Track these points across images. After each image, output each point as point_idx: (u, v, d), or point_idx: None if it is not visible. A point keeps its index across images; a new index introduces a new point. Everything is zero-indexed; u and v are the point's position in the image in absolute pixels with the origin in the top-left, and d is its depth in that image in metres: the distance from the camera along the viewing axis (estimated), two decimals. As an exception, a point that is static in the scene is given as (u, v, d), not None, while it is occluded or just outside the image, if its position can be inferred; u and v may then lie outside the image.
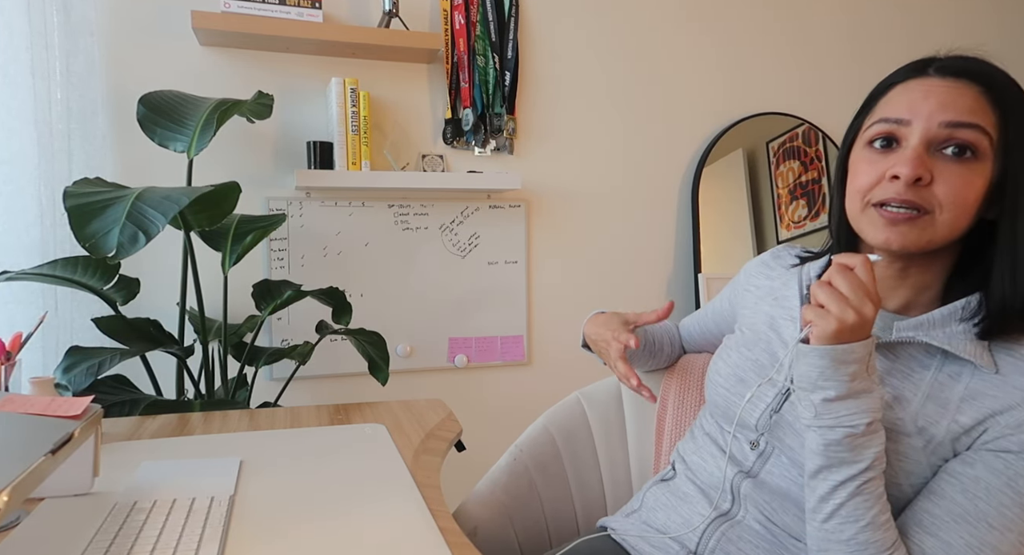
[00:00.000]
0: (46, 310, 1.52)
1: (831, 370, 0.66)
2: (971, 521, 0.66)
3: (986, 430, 0.67)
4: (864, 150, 0.75)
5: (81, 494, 0.79)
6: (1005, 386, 0.68)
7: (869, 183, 0.73)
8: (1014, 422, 0.66)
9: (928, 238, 0.70)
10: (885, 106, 0.74)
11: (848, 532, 0.67)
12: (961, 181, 0.68)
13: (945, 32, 2.40)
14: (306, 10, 1.70)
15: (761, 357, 0.85)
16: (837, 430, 0.66)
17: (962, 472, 0.68)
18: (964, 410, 0.69)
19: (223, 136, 1.74)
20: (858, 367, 0.66)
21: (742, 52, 2.23)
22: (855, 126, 0.79)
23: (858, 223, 0.75)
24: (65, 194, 1.15)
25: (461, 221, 1.97)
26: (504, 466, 1.10)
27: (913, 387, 0.72)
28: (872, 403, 0.66)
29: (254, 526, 0.72)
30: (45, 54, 1.53)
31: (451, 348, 1.99)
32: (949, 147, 0.68)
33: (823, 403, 0.67)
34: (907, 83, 0.73)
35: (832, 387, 0.66)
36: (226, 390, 1.53)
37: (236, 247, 1.52)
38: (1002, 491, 0.66)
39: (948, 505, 0.67)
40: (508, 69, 1.96)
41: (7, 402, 0.75)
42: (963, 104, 0.68)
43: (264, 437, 1.02)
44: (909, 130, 0.70)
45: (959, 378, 0.70)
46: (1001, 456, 0.67)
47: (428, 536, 0.70)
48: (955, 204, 0.69)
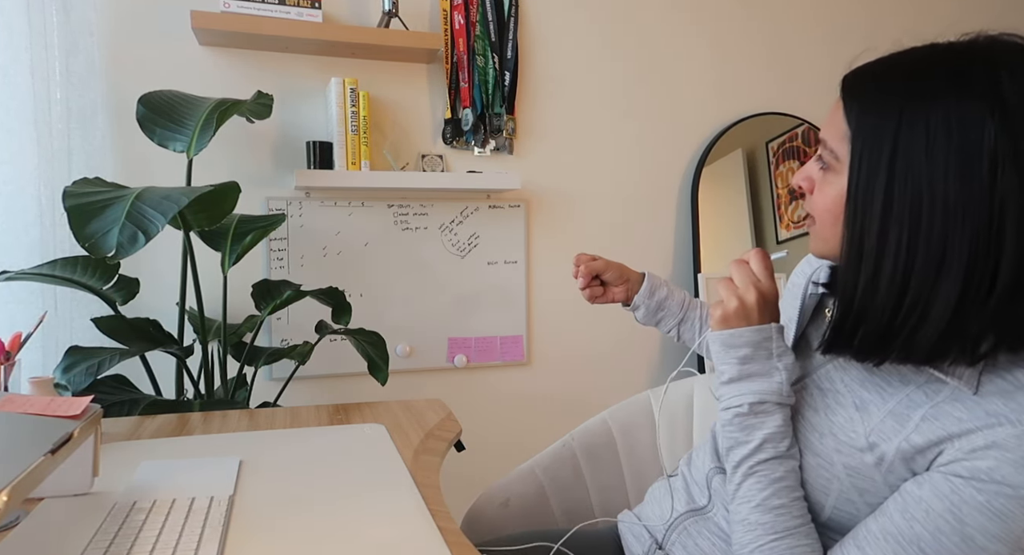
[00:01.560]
0: (46, 310, 1.52)
1: (723, 353, 0.73)
2: (902, 543, 0.63)
3: (941, 452, 0.63)
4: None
5: (81, 494, 0.79)
6: (976, 409, 0.63)
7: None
8: (968, 447, 0.61)
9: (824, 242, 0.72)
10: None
11: (742, 512, 0.72)
12: (820, 191, 0.72)
13: (945, 31, 2.40)
14: (306, 10, 1.70)
15: None
16: (728, 411, 0.73)
17: (909, 491, 0.65)
18: (921, 430, 0.64)
19: (223, 136, 1.74)
20: (749, 350, 0.71)
21: (742, 52, 2.23)
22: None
23: None
24: (65, 194, 1.15)
25: (461, 221, 1.97)
26: (550, 451, 1.16)
27: (881, 401, 0.68)
28: (763, 385, 0.71)
29: (253, 526, 0.72)
30: (45, 54, 1.53)
31: (450, 348, 1.99)
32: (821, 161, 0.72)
33: (719, 385, 0.73)
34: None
35: (725, 370, 0.73)
36: (226, 390, 1.53)
37: (236, 247, 1.52)
38: (942, 516, 0.61)
39: (885, 523, 0.65)
40: (508, 69, 1.96)
41: (7, 402, 0.75)
42: (833, 120, 0.70)
43: (264, 437, 1.02)
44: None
45: (933, 397, 0.66)
46: (950, 480, 0.62)
47: (427, 536, 0.70)
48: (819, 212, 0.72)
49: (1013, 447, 0.59)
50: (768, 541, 0.69)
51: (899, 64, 0.67)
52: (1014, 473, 0.59)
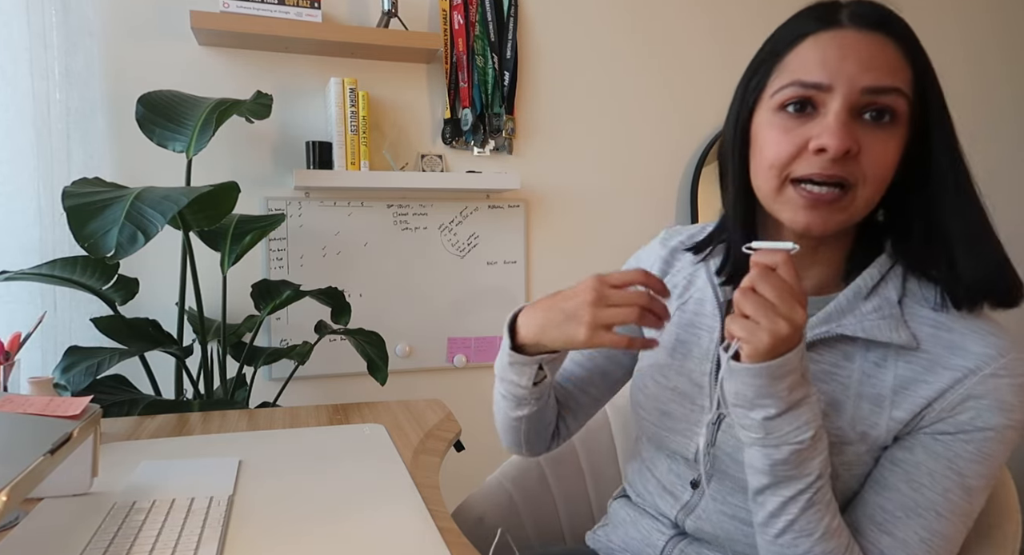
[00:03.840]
0: (45, 310, 1.52)
1: (769, 387, 0.60)
2: (921, 513, 0.65)
3: (923, 417, 0.65)
4: (774, 115, 0.66)
5: (80, 494, 0.79)
6: (934, 368, 0.65)
7: (787, 154, 0.65)
8: (947, 406, 0.64)
9: (848, 218, 0.65)
10: (796, 64, 0.65)
11: (803, 546, 0.64)
12: (883, 150, 0.63)
13: (944, 31, 2.41)
14: (305, 10, 1.70)
15: (680, 384, 0.78)
16: (783, 448, 0.62)
17: (903, 459, 0.66)
18: (899, 404, 0.66)
19: (222, 136, 1.74)
20: (794, 377, 0.60)
21: (741, 52, 2.22)
22: (756, 84, 0.69)
23: (773, 203, 0.68)
24: (64, 194, 1.14)
25: (460, 221, 1.97)
26: (515, 459, 1.11)
27: (843, 388, 0.68)
28: (813, 411, 0.62)
29: (253, 526, 0.72)
30: (44, 54, 1.53)
31: (450, 348, 1.99)
32: (869, 112, 0.63)
33: (764, 422, 0.61)
34: (818, 36, 0.64)
35: (771, 404, 0.60)
36: (225, 390, 1.53)
37: (235, 247, 1.52)
38: (944, 475, 0.64)
39: (897, 498, 0.66)
40: (507, 69, 1.96)
41: (6, 402, 0.75)
42: (883, 64, 0.62)
43: (263, 437, 1.02)
44: (829, 96, 0.63)
45: (885, 365, 0.67)
46: (939, 439, 0.65)
47: (427, 536, 0.70)
48: (877, 177, 0.63)
49: (983, 393, 0.63)
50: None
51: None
52: (992, 416, 0.63)
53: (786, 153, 0.64)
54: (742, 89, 0.71)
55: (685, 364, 0.77)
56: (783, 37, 0.67)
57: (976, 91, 2.45)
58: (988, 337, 0.65)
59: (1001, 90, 2.48)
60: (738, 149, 0.71)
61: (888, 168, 0.64)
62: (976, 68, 2.45)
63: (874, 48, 0.62)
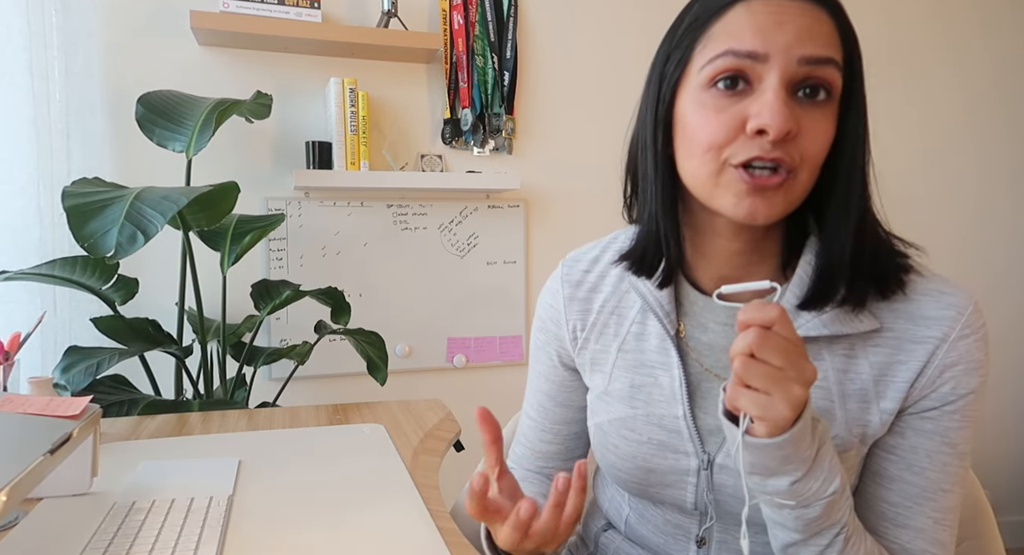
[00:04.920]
0: (44, 310, 1.52)
1: (794, 453, 0.54)
2: (929, 496, 0.64)
3: (908, 398, 0.64)
4: (703, 92, 0.60)
5: (79, 494, 0.79)
6: (903, 345, 0.63)
7: (724, 136, 0.58)
8: (928, 381, 0.63)
9: (791, 201, 0.60)
10: (727, 33, 0.58)
11: None
12: (820, 130, 0.58)
13: (943, 27, 2.41)
14: (304, 10, 1.70)
15: (654, 434, 0.70)
16: (815, 506, 0.57)
17: (897, 445, 0.65)
18: (883, 393, 0.64)
19: (222, 136, 1.74)
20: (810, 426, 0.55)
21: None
22: (677, 59, 0.62)
23: (713, 190, 0.61)
24: (64, 194, 1.14)
25: (460, 221, 1.97)
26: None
27: (825, 393, 0.65)
28: (831, 453, 0.57)
29: (252, 526, 0.72)
30: (44, 54, 1.53)
31: (450, 348, 1.99)
32: (804, 88, 0.58)
33: (792, 486, 0.56)
34: (749, 2, 0.58)
35: (798, 467, 0.55)
36: (225, 390, 1.53)
37: (235, 247, 1.52)
38: (940, 450, 0.64)
39: (903, 488, 0.65)
40: (507, 69, 1.96)
41: (5, 402, 0.75)
42: (819, 34, 0.57)
43: (263, 437, 1.02)
44: (764, 67, 0.57)
45: (855, 355, 0.64)
46: (927, 416, 0.64)
47: (427, 536, 0.70)
48: (815, 160, 0.59)
49: (956, 359, 0.62)
50: None
51: None
52: (969, 379, 0.63)
53: (722, 135, 0.58)
54: (660, 67, 0.64)
55: (651, 411, 0.70)
56: (708, 5, 0.60)
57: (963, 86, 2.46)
58: (942, 297, 0.64)
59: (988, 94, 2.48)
60: (660, 137, 0.64)
61: (825, 150, 0.59)
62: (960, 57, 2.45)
63: (810, 17, 0.57)
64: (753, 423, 0.54)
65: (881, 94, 2.35)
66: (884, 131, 2.35)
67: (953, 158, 2.42)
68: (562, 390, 0.83)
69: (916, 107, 2.38)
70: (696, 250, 0.70)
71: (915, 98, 2.38)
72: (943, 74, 2.40)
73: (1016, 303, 2.52)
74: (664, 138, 0.64)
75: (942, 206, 2.42)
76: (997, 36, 2.45)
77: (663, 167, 0.65)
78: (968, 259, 2.46)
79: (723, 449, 0.68)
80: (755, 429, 0.54)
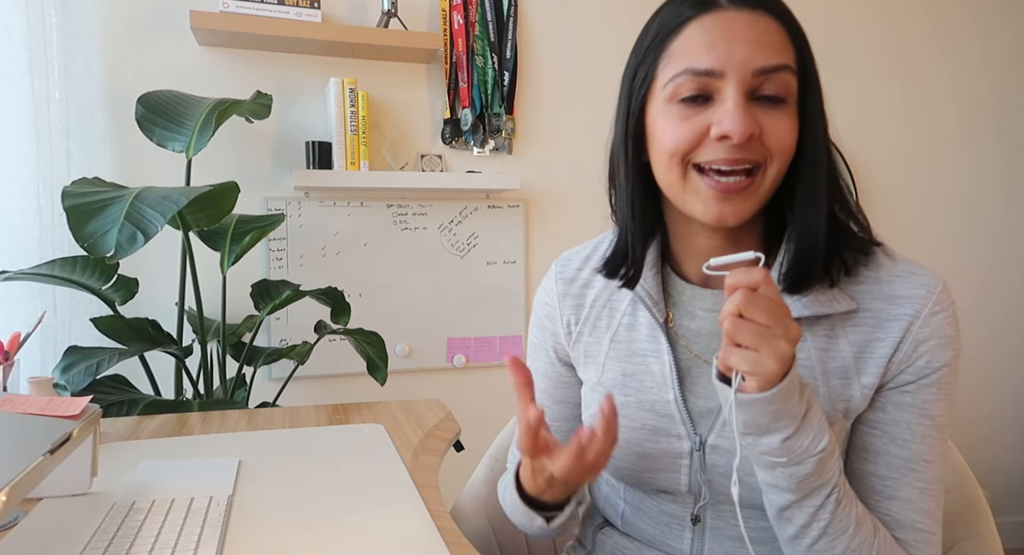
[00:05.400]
0: (44, 310, 1.52)
1: (784, 408, 0.57)
2: (913, 467, 0.67)
3: (887, 373, 0.67)
4: (668, 106, 0.64)
5: (79, 494, 0.79)
6: (880, 323, 0.67)
7: (688, 142, 0.63)
8: (904, 355, 0.66)
9: (759, 201, 0.64)
10: (683, 52, 0.63)
11: (841, 545, 0.63)
12: (783, 126, 0.62)
13: (942, 28, 2.41)
14: (304, 10, 1.70)
15: (647, 420, 0.73)
16: (807, 463, 0.60)
17: (880, 420, 0.68)
18: (863, 369, 0.67)
19: (222, 136, 1.74)
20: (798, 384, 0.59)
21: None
22: (644, 75, 0.67)
23: (681, 194, 0.66)
24: (63, 194, 1.14)
25: (460, 221, 1.97)
26: (482, 478, 1.06)
27: (809, 371, 0.68)
28: (819, 411, 0.61)
29: (252, 526, 0.72)
30: (43, 54, 1.53)
31: (449, 348, 1.99)
32: (762, 93, 0.62)
33: (784, 443, 0.59)
34: (701, 20, 0.62)
35: (788, 424, 0.58)
36: (224, 390, 1.53)
37: (235, 247, 1.52)
38: (920, 423, 0.67)
39: (888, 461, 0.68)
40: (507, 69, 1.96)
41: (5, 402, 0.75)
42: (769, 42, 0.61)
43: (262, 437, 1.02)
44: (722, 82, 0.61)
45: (836, 336, 0.68)
46: (905, 390, 0.67)
47: (426, 536, 0.70)
48: (783, 152, 0.63)
49: (928, 334, 0.66)
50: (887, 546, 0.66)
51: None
52: (942, 353, 0.66)
53: (686, 141, 0.63)
54: (628, 82, 0.69)
55: (643, 397, 0.73)
56: (665, 23, 0.65)
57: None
58: (912, 277, 0.68)
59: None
60: (632, 146, 0.69)
61: (792, 142, 0.64)
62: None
63: (758, 27, 0.62)
64: (744, 381, 0.57)
65: (876, 92, 2.35)
66: (878, 129, 2.35)
67: (945, 155, 2.43)
68: (560, 387, 0.85)
69: (908, 105, 2.38)
70: (680, 244, 0.75)
71: (908, 96, 2.38)
72: (935, 72, 2.40)
73: (1011, 301, 2.52)
74: (636, 148, 0.69)
75: (935, 202, 2.42)
76: (989, 34, 2.45)
77: (634, 175, 0.71)
78: (962, 258, 2.46)
79: (714, 430, 0.70)
80: (746, 386, 0.57)
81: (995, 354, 2.51)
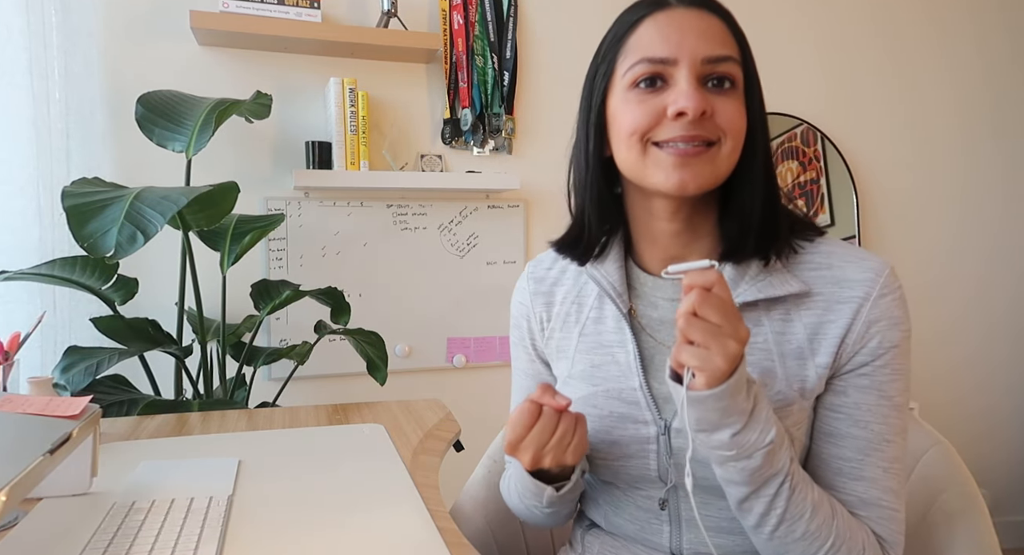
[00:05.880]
0: (44, 310, 1.52)
1: (731, 405, 0.61)
2: (876, 446, 0.70)
3: (841, 355, 0.70)
4: (627, 93, 0.70)
5: (79, 494, 0.79)
6: (832, 306, 0.70)
7: (646, 121, 0.68)
8: (857, 336, 0.69)
9: (717, 172, 0.69)
10: (640, 44, 0.70)
11: (800, 529, 0.66)
12: (733, 108, 0.68)
13: (936, 29, 2.41)
14: (304, 10, 1.70)
15: (615, 407, 0.76)
16: (756, 456, 0.63)
17: (841, 404, 0.71)
18: (817, 350, 0.70)
19: (221, 136, 1.74)
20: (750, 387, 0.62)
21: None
22: (604, 70, 0.73)
23: (640, 169, 0.70)
24: (63, 194, 1.14)
25: (460, 221, 1.97)
26: (480, 479, 1.06)
27: (766, 353, 0.71)
28: (766, 406, 0.64)
29: (252, 526, 0.72)
30: (43, 54, 1.53)
31: (449, 348, 1.99)
32: (711, 81, 0.68)
33: (733, 438, 0.62)
34: (654, 16, 0.70)
35: (736, 420, 0.62)
36: (224, 390, 1.53)
37: (234, 247, 1.52)
38: (879, 404, 0.70)
39: (852, 443, 0.71)
40: (507, 69, 1.96)
41: (5, 402, 0.75)
42: (715, 36, 0.68)
43: (262, 437, 1.02)
44: (675, 69, 0.67)
45: (791, 319, 0.71)
46: (862, 372, 0.70)
47: (426, 536, 0.70)
48: (735, 131, 0.68)
49: (878, 315, 0.69)
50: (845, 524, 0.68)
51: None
52: (893, 333, 0.70)
53: (644, 121, 0.68)
54: (591, 79, 0.75)
55: (611, 386, 0.77)
56: (622, 23, 0.73)
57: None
58: (861, 262, 0.71)
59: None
60: (594, 139, 0.74)
61: (742, 124, 0.69)
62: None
63: (704, 23, 0.68)
64: (695, 378, 0.61)
65: (874, 93, 2.35)
66: (876, 130, 2.35)
67: (943, 155, 2.43)
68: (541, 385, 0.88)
69: (906, 104, 2.38)
70: (640, 235, 0.79)
71: (906, 96, 2.38)
72: (934, 72, 2.40)
73: (1008, 299, 2.52)
74: (598, 142, 0.75)
75: (933, 202, 2.42)
76: (987, 34, 2.46)
77: (594, 164, 0.76)
78: (960, 257, 2.46)
79: (679, 414, 0.72)
80: (695, 383, 0.61)
81: (993, 352, 2.51)
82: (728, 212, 0.73)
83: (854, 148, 2.31)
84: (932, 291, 2.43)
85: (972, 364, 2.49)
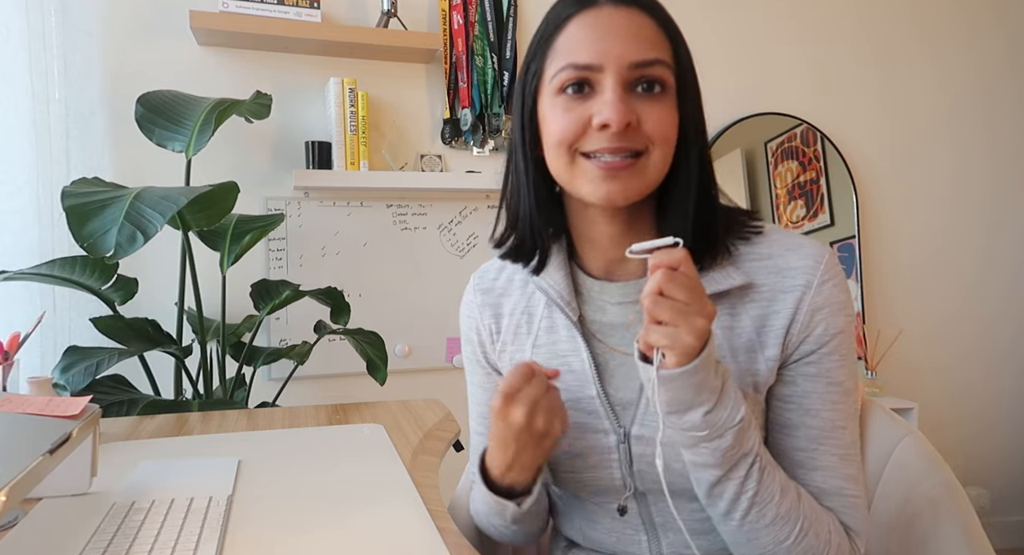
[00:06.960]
0: (44, 310, 1.52)
1: (703, 382, 0.60)
2: (829, 434, 0.70)
3: (788, 345, 0.70)
4: (555, 98, 0.69)
5: (79, 494, 0.79)
6: (776, 296, 0.70)
7: (572, 131, 0.67)
8: (802, 325, 0.69)
9: (646, 182, 0.68)
10: (565, 47, 0.67)
11: (770, 513, 0.65)
12: (662, 115, 0.66)
13: (938, 29, 2.41)
14: (304, 10, 1.70)
15: (575, 417, 0.75)
16: (727, 435, 0.62)
17: (791, 394, 0.71)
18: (765, 343, 0.70)
19: (221, 136, 1.74)
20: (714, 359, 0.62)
21: (739, 52, 2.23)
22: (534, 70, 0.71)
23: (571, 180, 0.69)
24: (63, 194, 1.15)
25: (460, 221, 1.97)
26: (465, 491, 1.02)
27: (717, 349, 0.69)
28: (734, 385, 0.64)
29: (252, 526, 0.72)
30: (43, 54, 1.53)
31: (449, 348, 1.99)
32: (640, 85, 0.66)
33: (705, 417, 0.61)
34: (581, 16, 0.67)
35: (708, 397, 0.61)
36: (224, 390, 1.53)
37: (234, 247, 1.52)
38: (828, 391, 0.70)
39: (805, 432, 0.70)
40: (506, 69, 1.96)
41: (5, 402, 0.75)
42: (644, 38, 0.66)
43: (262, 437, 1.02)
44: (601, 75, 0.65)
45: (737, 313, 0.71)
46: (809, 361, 0.70)
47: (426, 536, 0.70)
48: (664, 139, 0.67)
49: (821, 302, 0.69)
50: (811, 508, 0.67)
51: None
52: (837, 319, 0.69)
53: (571, 131, 0.67)
54: (522, 79, 0.74)
55: (569, 397, 0.75)
56: (550, 20, 0.70)
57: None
58: (801, 249, 0.71)
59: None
60: (528, 138, 0.73)
61: (672, 129, 0.67)
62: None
63: (633, 24, 0.66)
64: (664, 358, 0.60)
65: (871, 91, 2.35)
66: (874, 128, 2.35)
67: (937, 155, 2.43)
68: None
69: (906, 104, 2.38)
70: (582, 240, 0.77)
71: (905, 95, 2.38)
72: (925, 73, 2.41)
73: (1003, 297, 2.52)
74: (532, 140, 0.73)
75: (929, 202, 2.42)
76: (979, 36, 2.46)
77: (533, 166, 0.74)
78: (956, 255, 2.46)
79: (636, 420, 0.72)
80: (666, 362, 0.60)
81: (990, 350, 2.51)
82: (665, 214, 0.72)
83: (854, 148, 2.31)
84: (931, 289, 2.43)
85: (970, 362, 2.49)
